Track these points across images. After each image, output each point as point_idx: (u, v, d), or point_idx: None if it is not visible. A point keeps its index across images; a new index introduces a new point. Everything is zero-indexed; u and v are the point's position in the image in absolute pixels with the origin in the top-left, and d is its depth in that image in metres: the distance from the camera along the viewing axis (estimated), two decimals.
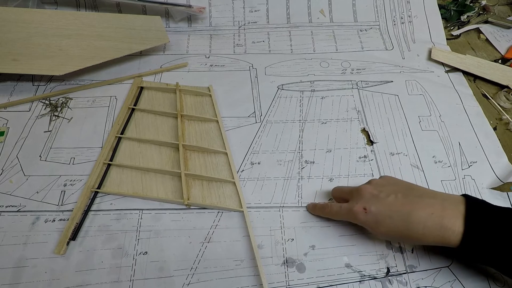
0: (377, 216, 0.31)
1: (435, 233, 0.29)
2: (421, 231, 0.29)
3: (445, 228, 0.28)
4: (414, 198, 0.31)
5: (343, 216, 0.34)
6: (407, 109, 0.49)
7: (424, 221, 0.29)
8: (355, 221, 0.33)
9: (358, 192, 0.34)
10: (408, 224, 0.30)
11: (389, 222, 0.30)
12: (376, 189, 0.33)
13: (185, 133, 0.44)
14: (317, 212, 0.38)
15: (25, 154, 0.42)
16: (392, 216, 0.30)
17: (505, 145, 0.46)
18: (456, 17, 0.64)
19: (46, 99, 0.47)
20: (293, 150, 0.44)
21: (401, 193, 0.31)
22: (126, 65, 0.52)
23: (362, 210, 0.32)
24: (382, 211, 0.31)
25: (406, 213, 0.30)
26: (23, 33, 0.46)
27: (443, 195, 0.31)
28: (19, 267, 0.34)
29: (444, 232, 0.28)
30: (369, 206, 0.31)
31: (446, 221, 0.28)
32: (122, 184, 0.40)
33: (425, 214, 0.29)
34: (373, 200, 0.32)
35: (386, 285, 0.34)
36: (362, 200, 0.33)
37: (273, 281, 0.34)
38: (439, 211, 0.29)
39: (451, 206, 0.29)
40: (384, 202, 0.31)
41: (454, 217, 0.28)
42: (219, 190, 0.40)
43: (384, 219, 0.31)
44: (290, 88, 0.51)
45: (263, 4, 0.60)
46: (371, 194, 0.33)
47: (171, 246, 0.36)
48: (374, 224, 0.31)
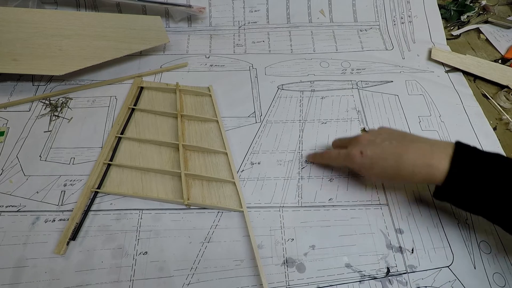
0: (372, 159, 0.34)
1: (423, 171, 0.31)
2: (411, 169, 0.32)
3: (432, 166, 0.31)
4: (407, 143, 0.33)
5: (341, 161, 0.37)
6: (407, 109, 0.49)
7: (413, 161, 0.32)
8: (352, 165, 0.36)
9: (356, 139, 0.37)
10: (399, 165, 0.32)
11: (382, 163, 0.33)
12: (373, 136, 0.36)
13: (185, 133, 0.44)
14: (317, 159, 0.41)
15: (25, 154, 0.42)
16: (386, 158, 0.33)
17: (505, 145, 0.46)
18: (456, 17, 0.64)
19: (46, 99, 0.47)
20: (293, 150, 0.44)
21: (395, 139, 0.34)
22: (126, 65, 0.52)
23: (359, 154, 0.34)
24: (377, 153, 0.34)
25: (398, 154, 0.33)
26: (23, 33, 0.46)
27: (434, 140, 0.34)
28: (19, 267, 0.34)
29: (430, 169, 0.31)
30: (366, 150, 0.34)
31: (434, 160, 0.31)
32: (122, 184, 0.40)
33: (415, 155, 0.32)
34: (369, 145, 0.35)
35: (386, 285, 0.34)
36: (360, 145, 0.35)
37: (273, 281, 0.34)
38: (428, 152, 0.32)
39: (440, 148, 0.32)
40: (379, 146, 0.34)
41: (442, 157, 0.31)
42: (219, 190, 0.40)
43: (378, 161, 0.33)
44: (290, 88, 0.51)
45: (263, 4, 0.60)
46: (368, 140, 0.35)
47: (171, 246, 0.36)
48: (369, 166, 0.34)
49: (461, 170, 0.30)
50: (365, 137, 0.36)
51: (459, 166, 0.30)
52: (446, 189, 0.31)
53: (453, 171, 0.30)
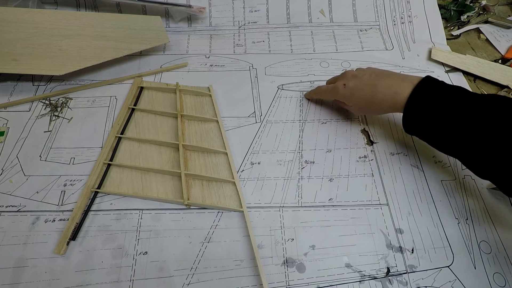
0: (352, 89, 0.40)
1: (389, 99, 0.36)
2: (381, 97, 0.37)
3: (396, 94, 0.35)
4: (383, 76, 0.38)
5: (328, 93, 0.44)
6: None
7: (384, 90, 0.36)
8: (336, 96, 0.43)
9: (343, 74, 0.43)
10: (372, 94, 0.38)
11: (360, 93, 0.39)
12: (357, 72, 0.41)
13: (185, 133, 0.44)
14: (311, 95, 0.48)
15: (25, 154, 0.42)
16: (363, 88, 0.39)
17: None
18: (456, 17, 0.64)
19: (46, 99, 0.47)
20: (293, 150, 0.44)
21: (375, 73, 0.39)
22: (126, 65, 0.52)
23: (342, 86, 0.41)
24: (357, 85, 0.39)
25: (373, 85, 0.38)
26: (23, 33, 0.46)
27: (408, 75, 0.37)
28: (19, 267, 0.34)
29: (395, 97, 0.35)
30: (348, 82, 0.40)
31: (399, 89, 0.35)
32: (122, 184, 0.40)
33: (386, 84, 0.37)
34: (352, 78, 0.41)
35: (386, 285, 0.34)
36: (344, 79, 0.42)
37: (273, 281, 0.34)
38: (398, 82, 0.36)
39: (408, 80, 0.36)
40: (360, 79, 0.40)
41: (407, 86, 0.35)
42: (219, 190, 0.40)
43: (357, 91, 0.39)
44: (290, 88, 0.51)
45: (263, 4, 0.60)
46: (352, 74, 0.41)
47: (171, 246, 0.36)
48: (349, 96, 0.40)
49: (419, 96, 0.33)
50: (350, 72, 0.42)
51: (418, 93, 0.34)
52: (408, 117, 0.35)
53: (412, 97, 0.34)
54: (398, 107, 0.35)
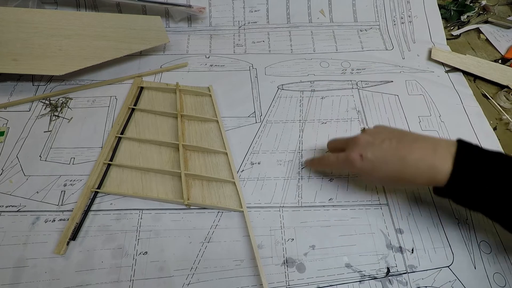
0: (373, 162, 0.32)
1: (426, 174, 0.30)
2: (414, 172, 0.31)
3: (435, 168, 0.30)
4: (408, 143, 0.32)
5: (340, 165, 0.35)
6: (407, 109, 0.49)
7: (416, 163, 0.30)
8: (352, 169, 0.34)
9: (354, 141, 0.34)
10: (402, 167, 0.31)
11: (384, 167, 0.32)
12: (371, 136, 0.34)
13: (185, 133, 0.44)
14: (315, 165, 0.40)
15: (25, 154, 0.42)
16: (388, 161, 0.32)
17: (505, 145, 0.46)
18: (456, 17, 0.64)
19: (46, 99, 0.47)
20: (293, 150, 0.44)
21: (396, 139, 0.32)
22: (126, 65, 0.52)
23: (359, 157, 0.33)
24: (378, 156, 0.32)
25: (400, 157, 0.31)
26: (23, 33, 0.46)
27: (435, 139, 0.32)
28: (19, 267, 0.34)
29: (434, 171, 0.30)
30: (365, 153, 0.32)
31: (436, 161, 0.30)
32: (122, 184, 0.40)
33: (418, 156, 0.30)
34: (368, 147, 0.33)
35: (386, 285, 0.34)
36: (358, 147, 0.33)
37: (273, 281, 0.34)
38: (431, 153, 0.30)
39: (443, 148, 0.30)
40: (379, 148, 0.32)
41: (444, 157, 0.30)
42: (219, 190, 0.40)
43: (380, 164, 0.32)
44: (290, 88, 0.51)
45: (263, 4, 0.60)
46: (367, 141, 0.33)
47: (171, 246, 0.36)
48: (370, 170, 0.33)
49: (464, 171, 0.29)
50: (363, 138, 0.34)
51: (462, 167, 0.29)
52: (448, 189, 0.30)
53: (456, 172, 0.29)
54: (437, 183, 0.30)
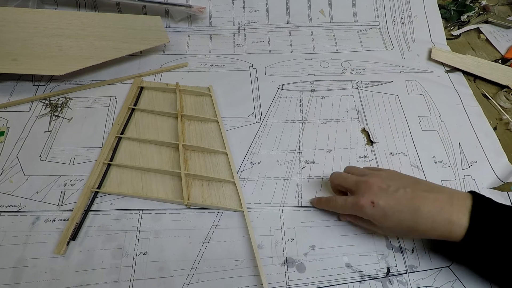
0: (385, 210, 0.31)
1: (443, 228, 0.29)
2: (430, 225, 0.29)
3: (452, 223, 0.29)
4: (423, 193, 0.31)
5: (348, 209, 0.34)
6: (407, 109, 0.49)
7: (433, 215, 0.29)
8: (360, 214, 0.33)
9: (365, 185, 0.33)
10: (417, 218, 0.30)
11: (397, 216, 0.30)
12: (384, 182, 0.32)
13: (185, 133, 0.44)
14: (322, 206, 0.38)
15: (25, 154, 0.42)
16: (401, 210, 0.30)
17: (505, 145, 0.46)
18: (456, 17, 0.64)
19: (46, 99, 0.47)
20: (293, 150, 0.44)
21: (410, 188, 0.31)
22: (126, 65, 0.52)
23: (370, 204, 0.31)
24: (391, 205, 0.31)
25: (415, 207, 0.30)
26: (23, 33, 0.46)
27: (450, 190, 0.32)
28: (19, 267, 0.34)
29: (451, 226, 0.29)
30: (377, 200, 0.31)
31: (453, 215, 0.29)
32: (122, 184, 0.40)
33: (434, 208, 0.29)
34: (381, 194, 0.32)
35: (386, 285, 0.34)
36: (369, 193, 0.32)
37: (273, 281, 0.34)
38: (448, 206, 0.29)
39: (459, 202, 0.30)
40: (392, 196, 0.31)
41: (461, 212, 0.29)
42: (219, 190, 0.40)
43: (393, 213, 0.31)
44: (290, 88, 0.51)
45: (263, 4, 0.60)
46: (379, 187, 0.32)
47: (171, 246, 0.36)
48: (382, 218, 0.31)
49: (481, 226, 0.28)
50: (375, 184, 0.32)
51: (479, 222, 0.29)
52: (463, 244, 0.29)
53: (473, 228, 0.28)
54: (452, 238, 0.29)
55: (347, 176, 0.36)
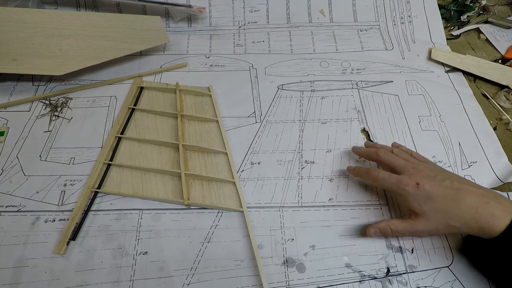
0: (430, 193, 0.31)
1: (484, 220, 0.29)
2: (473, 214, 0.30)
3: (495, 217, 0.29)
4: (469, 187, 0.31)
5: (390, 184, 0.34)
6: (407, 109, 0.49)
7: (477, 206, 0.30)
8: (400, 191, 0.33)
9: (414, 169, 0.34)
10: (460, 205, 0.30)
11: (440, 200, 0.31)
12: (432, 171, 0.33)
13: (185, 133, 0.44)
14: (361, 174, 0.38)
15: (25, 154, 0.42)
16: (445, 197, 0.31)
17: (505, 145, 0.46)
18: (456, 17, 0.64)
19: (46, 99, 0.47)
20: (293, 150, 0.44)
21: (457, 181, 0.32)
22: (126, 65, 0.52)
23: (415, 184, 0.32)
24: (435, 190, 0.31)
25: (460, 197, 0.30)
26: (23, 33, 0.46)
27: (495, 192, 0.32)
28: (19, 267, 0.34)
29: (493, 219, 0.29)
30: (423, 183, 0.32)
31: (498, 212, 0.29)
32: (122, 184, 0.40)
33: (479, 201, 0.30)
34: (428, 179, 0.32)
35: (386, 285, 0.34)
36: (417, 175, 0.33)
37: (273, 281, 0.34)
38: (494, 203, 0.30)
39: (506, 202, 0.30)
40: (439, 183, 0.32)
41: (506, 210, 0.29)
42: (219, 190, 0.40)
43: (437, 197, 0.31)
44: (290, 88, 0.51)
45: (263, 4, 0.60)
46: (428, 174, 0.33)
47: (171, 246, 0.36)
48: (423, 200, 0.32)
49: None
50: (424, 170, 0.33)
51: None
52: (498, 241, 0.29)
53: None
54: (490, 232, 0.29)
55: (396, 157, 0.36)
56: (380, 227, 0.35)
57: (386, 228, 0.35)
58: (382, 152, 0.37)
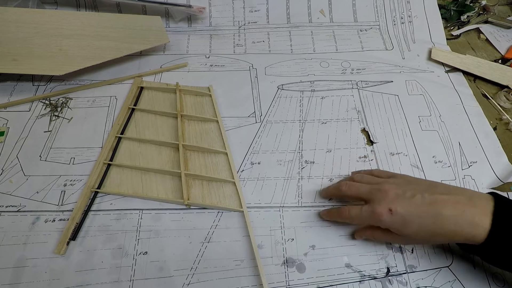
0: (405, 217, 0.30)
1: (466, 231, 0.28)
2: (453, 228, 0.28)
3: (476, 225, 0.28)
4: (441, 196, 0.30)
5: (364, 219, 0.32)
6: (407, 109, 0.49)
7: (455, 218, 0.28)
8: (378, 224, 0.31)
9: (380, 192, 0.32)
10: (438, 223, 0.29)
11: (418, 221, 0.29)
12: (399, 188, 0.31)
13: (185, 133, 0.44)
14: (334, 217, 0.37)
15: (25, 154, 0.42)
16: (421, 216, 0.29)
17: (505, 145, 0.46)
18: (456, 17, 0.64)
19: (46, 99, 0.47)
20: (293, 150, 0.44)
21: (427, 192, 0.30)
22: (126, 65, 0.52)
23: (388, 211, 0.30)
24: (409, 211, 0.30)
25: (436, 212, 0.29)
26: (23, 33, 0.46)
27: (469, 191, 0.31)
28: (19, 267, 0.34)
29: (474, 228, 0.28)
30: (395, 207, 0.30)
31: (477, 218, 0.28)
32: (122, 184, 0.40)
33: (456, 211, 0.28)
34: (398, 200, 0.31)
35: (386, 285, 0.34)
36: (386, 200, 0.31)
37: (273, 281, 0.34)
38: (470, 208, 0.28)
39: (481, 203, 0.29)
40: (410, 202, 0.30)
41: (484, 214, 0.28)
42: (219, 190, 0.40)
43: (413, 220, 0.29)
44: (290, 88, 0.51)
45: (263, 4, 0.60)
46: (395, 194, 0.31)
47: (171, 246, 0.36)
48: (401, 225, 0.30)
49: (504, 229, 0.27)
50: (391, 191, 0.31)
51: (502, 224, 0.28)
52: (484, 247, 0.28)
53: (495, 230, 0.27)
54: (475, 240, 0.28)
55: (359, 185, 0.35)
56: (365, 235, 0.35)
57: (369, 236, 0.35)
58: (343, 186, 0.36)
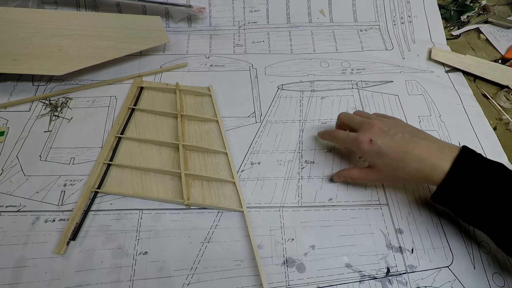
0: (381, 149, 0.33)
1: (426, 171, 0.31)
2: (417, 166, 0.32)
3: (435, 167, 0.31)
4: (419, 139, 0.33)
5: (347, 143, 0.37)
6: (407, 109, 0.49)
7: (421, 158, 0.32)
8: (357, 150, 0.36)
9: (369, 125, 0.36)
10: (406, 159, 0.32)
11: (391, 155, 0.33)
12: (386, 126, 0.35)
13: (185, 133, 0.44)
14: (326, 137, 0.41)
15: (25, 154, 0.42)
16: (395, 151, 0.33)
17: (505, 145, 0.46)
18: (456, 17, 0.64)
19: (46, 99, 0.47)
20: (293, 150, 0.44)
21: (408, 134, 0.34)
22: (126, 65, 0.52)
23: (368, 141, 0.34)
24: (387, 145, 0.33)
25: (408, 150, 0.32)
26: (23, 33, 0.46)
27: (445, 143, 0.34)
28: (19, 267, 0.34)
29: (433, 169, 0.31)
30: (376, 139, 0.34)
31: (440, 162, 0.31)
32: (122, 184, 0.40)
33: (424, 153, 0.32)
34: (381, 134, 0.34)
35: (386, 285, 0.34)
36: (370, 132, 0.35)
37: (273, 281, 0.34)
38: (437, 153, 0.32)
39: (449, 151, 0.32)
40: (391, 138, 0.34)
41: (447, 159, 0.31)
42: (219, 190, 0.40)
43: (387, 152, 0.33)
44: (290, 88, 0.51)
45: (263, 4, 0.60)
46: (380, 129, 0.35)
47: (171, 246, 0.36)
48: (376, 155, 0.34)
49: (460, 173, 0.30)
50: (378, 126, 0.35)
51: (459, 169, 0.30)
52: (443, 191, 0.31)
53: (452, 173, 0.30)
54: (433, 181, 0.31)
55: (354, 116, 0.39)
56: (342, 175, 0.39)
57: (346, 176, 0.39)
58: (342, 114, 0.41)
